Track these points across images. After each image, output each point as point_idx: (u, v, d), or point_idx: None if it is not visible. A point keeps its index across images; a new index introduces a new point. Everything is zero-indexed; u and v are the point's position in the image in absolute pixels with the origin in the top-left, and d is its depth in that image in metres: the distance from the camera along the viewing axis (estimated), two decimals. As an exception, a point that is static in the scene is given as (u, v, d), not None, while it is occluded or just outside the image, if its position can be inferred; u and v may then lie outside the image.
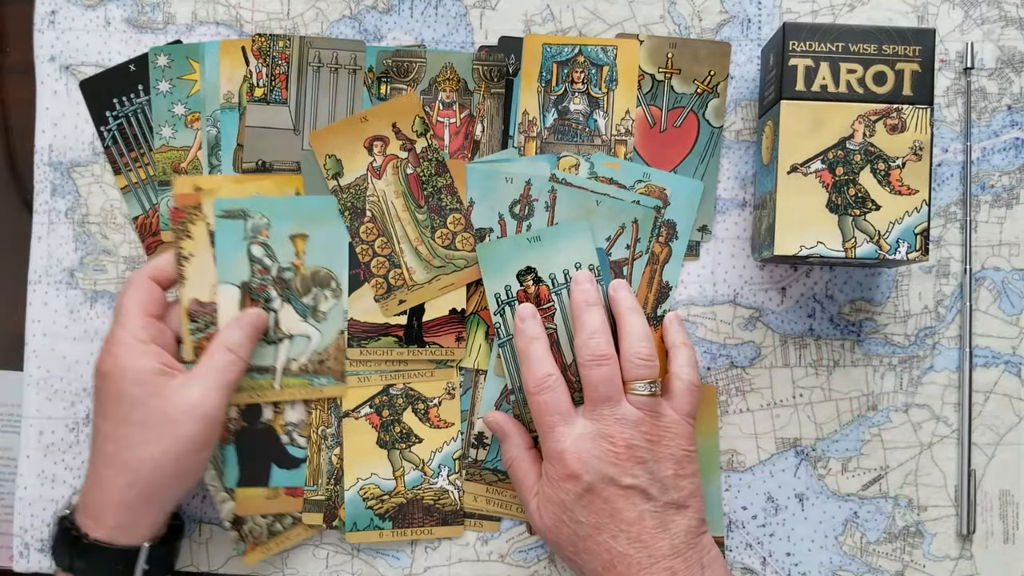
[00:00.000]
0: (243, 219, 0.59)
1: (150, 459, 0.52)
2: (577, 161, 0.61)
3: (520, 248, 0.59)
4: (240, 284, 0.59)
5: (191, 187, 0.60)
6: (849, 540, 0.62)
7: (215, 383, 0.54)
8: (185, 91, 0.62)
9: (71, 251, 0.63)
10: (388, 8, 0.63)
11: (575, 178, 0.61)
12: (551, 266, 0.59)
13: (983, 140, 0.62)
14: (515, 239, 0.60)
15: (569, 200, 0.60)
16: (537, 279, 0.59)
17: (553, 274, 0.59)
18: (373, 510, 0.61)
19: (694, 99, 0.62)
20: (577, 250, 0.59)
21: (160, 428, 0.52)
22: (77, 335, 0.62)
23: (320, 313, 0.60)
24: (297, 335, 0.60)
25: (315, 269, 0.60)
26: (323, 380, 0.60)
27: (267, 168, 0.62)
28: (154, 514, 0.54)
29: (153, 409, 0.52)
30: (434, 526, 0.61)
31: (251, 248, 0.59)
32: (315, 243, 0.60)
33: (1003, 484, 0.62)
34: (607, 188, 0.60)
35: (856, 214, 0.55)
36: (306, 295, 0.60)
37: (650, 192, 0.61)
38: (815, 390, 0.62)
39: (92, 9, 0.63)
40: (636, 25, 0.63)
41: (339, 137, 0.61)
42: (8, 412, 0.65)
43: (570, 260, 0.59)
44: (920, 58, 0.56)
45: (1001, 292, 0.62)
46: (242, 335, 0.57)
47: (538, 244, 0.59)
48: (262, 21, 0.63)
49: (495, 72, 0.62)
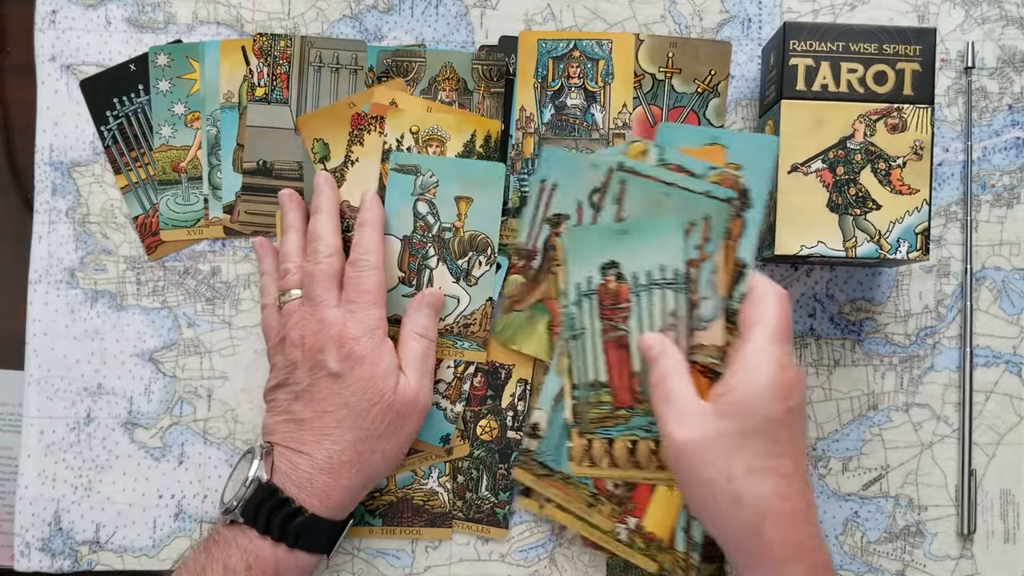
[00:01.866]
0: (415, 175, 0.60)
1: (382, 454, 0.55)
2: (646, 147, 0.57)
3: (608, 239, 0.56)
4: (402, 237, 0.60)
5: (388, 99, 0.60)
6: (849, 540, 0.62)
7: (421, 372, 0.56)
8: (185, 90, 0.63)
9: (72, 251, 0.63)
10: (388, 8, 0.63)
11: (643, 166, 0.57)
12: (635, 264, 0.56)
13: (984, 139, 0.62)
14: (606, 227, 0.57)
15: (639, 191, 0.56)
16: (619, 276, 0.56)
17: (636, 273, 0.56)
18: (364, 506, 0.61)
19: (695, 98, 0.62)
20: (663, 250, 0.55)
21: (395, 426, 0.55)
22: (77, 335, 0.62)
23: (472, 278, 0.60)
24: (448, 295, 0.60)
25: (474, 233, 0.60)
26: (466, 344, 0.60)
27: (268, 168, 0.62)
28: (362, 497, 0.57)
29: (390, 408, 0.55)
30: (423, 527, 0.61)
31: (417, 204, 0.60)
32: (477, 208, 0.60)
33: (1004, 484, 0.62)
34: (676, 177, 0.56)
35: (857, 213, 0.55)
36: (462, 258, 0.60)
37: (723, 181, 0.55)
38: (815, 389, 0.62)
39: (93, 9, 0.63)
40: (636, 24, 0.63)
41: (326, 122, 0.61)
42: (9, 412, 0.65)
43: (655, 261, 0.55)
44: (921, 57, 0.56)
45: (1002, 292, 0.62)
46: (426, 318, 0.58)
47: (626, 238, 0.56)
48: (263, 21, 0.63)
49: (495, 72, 0.62)
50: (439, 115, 0.61)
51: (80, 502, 0.62)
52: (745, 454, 0.49)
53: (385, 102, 0.61)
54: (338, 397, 0.54)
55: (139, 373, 0.62)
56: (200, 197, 0.63)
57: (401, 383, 0.55)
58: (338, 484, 0.54)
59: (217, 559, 0.53)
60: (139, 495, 0.62)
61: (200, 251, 0.63)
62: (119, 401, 0.62)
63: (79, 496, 0.62)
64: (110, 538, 0.62)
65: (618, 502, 0.58)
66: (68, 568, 0.62)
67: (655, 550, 0.57)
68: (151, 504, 0.62)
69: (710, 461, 0.50)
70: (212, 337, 0.62)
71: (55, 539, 0.62)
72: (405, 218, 0.60)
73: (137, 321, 0.63)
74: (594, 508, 0.58)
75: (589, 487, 0.58)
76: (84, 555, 0.62)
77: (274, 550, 0.53)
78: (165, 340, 0.63)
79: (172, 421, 0.62)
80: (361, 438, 0.54)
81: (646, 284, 0.56)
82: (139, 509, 0.62)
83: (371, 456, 0.55)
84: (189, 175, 0.63)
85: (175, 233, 0.63)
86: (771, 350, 0.51)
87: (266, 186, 0.62)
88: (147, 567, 0.62)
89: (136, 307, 0.63)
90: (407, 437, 0.57)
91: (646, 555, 0.58)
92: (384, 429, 0.55)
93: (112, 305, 0.63)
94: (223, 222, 0.62)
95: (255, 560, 0.53)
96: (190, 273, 0.63)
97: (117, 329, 0.62)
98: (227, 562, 0.53)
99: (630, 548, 0.58)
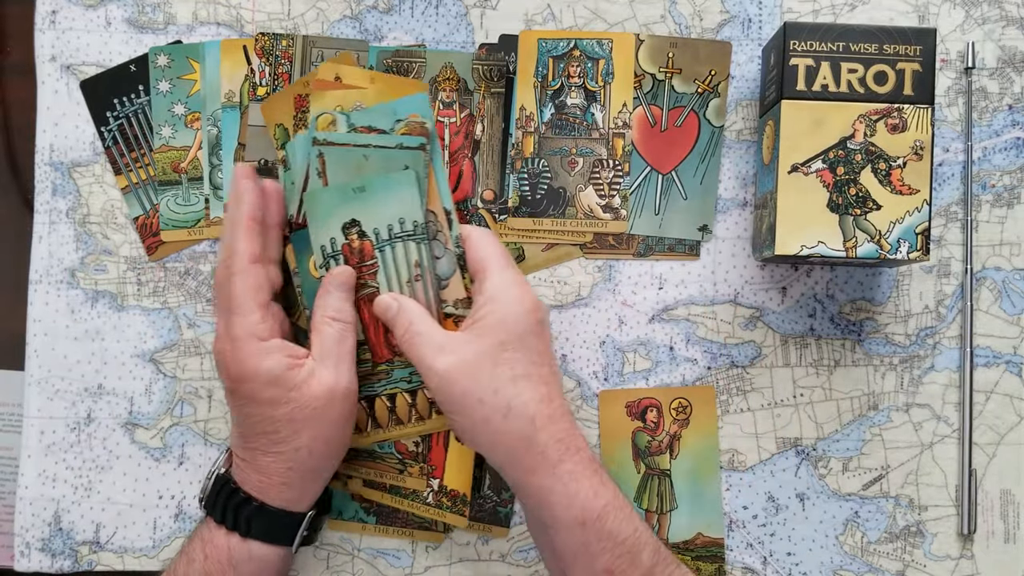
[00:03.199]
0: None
1: (304, 447, 0.53)
2: (333, 117, 0.56)
3: (347, 198, 0.55)
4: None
5: (332, 75, 0.58)
6: (850, 540, 0.62)
7: (338, 358, 0.54)
8: (185, 91, 0.63)
9: (72, 251, 0.63)
10: (388, 8, 0.63)
11: (337, 135, 0.56)
12: (375, 220, 0.56)
13: (984, 140, 0.62)
14: (340, 188, 0.56)
15: (339, 160, 0.56)
16: (362, 233, 0.56)
17: (377, 229, 0.56)
18: (360, 503, 0.61)
19: (695, 99, 0.62)
20: (401, 203, 0.55)
21: (306, 419, 0.53)
22: (78, 335, 0.62)
23: None
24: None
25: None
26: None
27: (270, 167, 0.62)
28: (314, 489, 0.56)
29: (295, 403, 0.52)
30: (416, 528, 0.61)
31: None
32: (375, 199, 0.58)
33: (1004, 484, 0.62)
34: (370, 138, 0.56)
35: (857, 214, 0.55)
36: None
37: (411, 130, 0.56)
38: (816, 390, 0.62)
39: (93, 9, 0.63)
40: (637, 24, 0.63)
41: (282, 106, 0.60)
42: (9, 412, 0.65)
43: (395, 214, 0.55)
44: (921, 58, 0.56)
45: (1002, 292, 0.62)
46: (337, 300, 0.56)
47: (364, 195, 0.55)
48: (263, 21, 0.63)
49: (495, 71, 0.62)
50: (378, 87, 0.58)
51: (80, 502, 0.62)
52: (506, 366, 0.51)
53: (329, 78, 0.58)
54: (239, 410, 0.54)
55: (140, 374, 0.62)
56: (201, 197, 0.63)
57: (304, 378, 0.53)
58: (271, 482, 0.54)
59: (185, 551, 0.55)
60: (139, 495, 0.62)
61: (201, 252, 0.63)
62: (119, 401, 0.62)
63: (79, 496, 0.62)
64: (110, 538, 0.62)
65: (424, 460, 0.59)
66: (68, 568, 0.62)
67: (461, 505, 0.59)
68: (151, 504, 0.62)
69: (474, 379, 0.51)
70: (212, 338, 0.62)
71: (55, 539, 0.62)
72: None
73: (138, 322, 0.63)
74: (404, 473, 0.59)
75: (393, 454, 0.59)
76: (84, 555, 0.62)
77: (227, 539, 0.54)
78: (166, 341, 0.63)
79: (172, 422, 0.62)
80: (275, 440, 0.53)
81: (388, 239, 0.56)
82: (139, 509, 0.62)
83: (296, 454, 0.53)
84: (189, 175, 0.63)
85: (176, 234, 0.63)
86: (510, 274, 0.54)
87: (266, 186, 0.62)
88: (147, 567, 0.62)
89: (137, 307, 0.63)
90: (333, 425, 0.54)
91: (454, 512, 0.59)
92: (297, 427, 0.53)
93: (112, 305, 0.63)
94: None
95: (211, 549, 0.54)
96: (191, 274, 0.63)
97: (118, 330, 0.62)
98: (191, 553, 0.54)
99: (439, 509, 0.59)
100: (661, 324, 0.62)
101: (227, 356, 0.53)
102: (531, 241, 0.62)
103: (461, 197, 0.62)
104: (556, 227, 0.62)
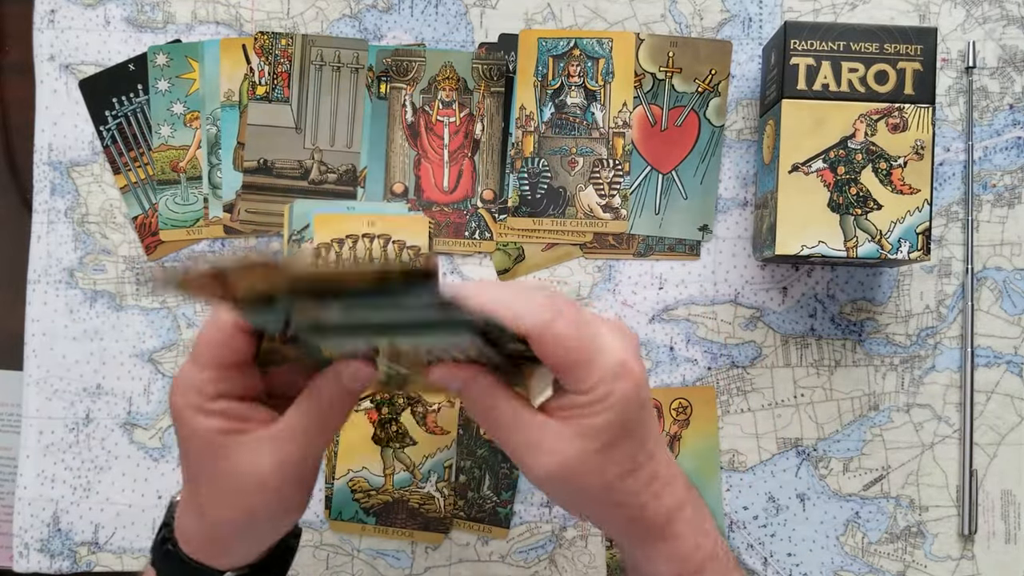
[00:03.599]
0: None
1: (227, 522, 0.45)
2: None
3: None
4: None
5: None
6: (850, 540, 0.61)
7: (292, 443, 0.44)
8: (184, 90, 0.62)
9: (71, 251, 0.63)
10: (388, 7, 0.63)
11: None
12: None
13: (985, 139, 0.62)
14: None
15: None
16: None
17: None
18: (359, 503, 0.61)
19: (695, 98, 0.62)
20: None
21: (230, 495, 0.44)
22: (77, 335, 0.62)
23: None
24: None
25: None
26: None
27: (269, 166, 0.62)
28: (240, 555, 0.47)
29: (221, 472, 0.44)
30: (416, 529, 0.61)
31: None
32: None
33: (1005, 484, 0.61)
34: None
35: (858, 213, 0.55)
36: None
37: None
38: (816, 390, 0.62)
39: (92, 8, 0.63)
40: (637, 24, 0.63)
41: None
42: (8, 412, 0.65)
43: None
44: (922, 57, 0.55)
45: (1003, 292, 0.62)
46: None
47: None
48: (262, 20, 0.63)
49: (495, 71, 0.62)
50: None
51: (79, 503, 0.62)
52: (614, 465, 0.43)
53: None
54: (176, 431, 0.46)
55: (138, 373, 0.62)
56: (200, 197, 0.62)
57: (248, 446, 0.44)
58: (191, 531, 0.46)
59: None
60: (138, 496, 0.62)
61: (200, 251, 0.63)
62: (118, 402, 0.62)
63: (78, 497, 0.62)
64: (109, 539, 0.62)
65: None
66: (67, 569, 0.62)
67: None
68: (150, 505, 0.62)
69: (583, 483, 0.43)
70: (211, 337, 0.62)
71: (54, 540, 0.62)
72: None
73: (136, 321, 0.62)
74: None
75: None
76: (83, 556, 0.62)
77: (150, 570, 0.47)
78: (164, 341, 0.62)
79: (171, 422, 0.62)
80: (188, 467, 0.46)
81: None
82: (138, 510, 0.62)
83: (206, 508, 0.45)
84: (188, 175, 0.62)
85: (174, 233, 0.63)
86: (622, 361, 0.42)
87: (267, 185, 0.62)
88: (146, 568, 0.62)
89: (135, 307, 0.62)
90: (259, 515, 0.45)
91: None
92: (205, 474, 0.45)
93: (111, 305, 0.62)
94: (223, 221, 0.62)
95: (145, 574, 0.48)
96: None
97: (116, 329, 0.62)
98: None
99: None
100: (661, 324, 0.62)
101: (173, 389, 0.45)
102: (531, 241, 0.62)
103: (461, 197, 0.62)
104: (556, 227, 0.62)
